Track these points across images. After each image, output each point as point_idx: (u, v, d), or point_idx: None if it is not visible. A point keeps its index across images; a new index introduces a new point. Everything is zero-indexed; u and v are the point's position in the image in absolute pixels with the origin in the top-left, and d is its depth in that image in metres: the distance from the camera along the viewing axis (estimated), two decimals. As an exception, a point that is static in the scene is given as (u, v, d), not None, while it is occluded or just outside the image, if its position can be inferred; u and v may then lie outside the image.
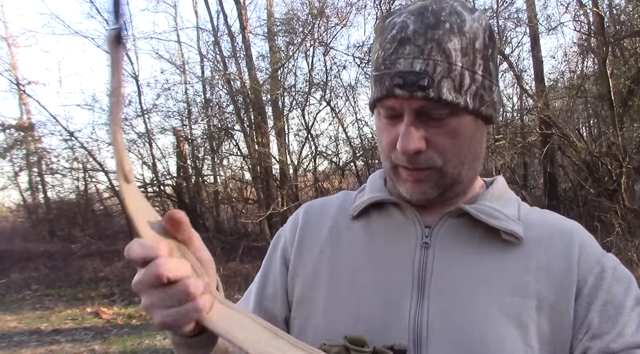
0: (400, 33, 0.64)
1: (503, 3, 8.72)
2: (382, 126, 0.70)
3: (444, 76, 0.62)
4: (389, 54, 0.64)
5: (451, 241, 0.70)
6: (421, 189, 0.69)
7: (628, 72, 7.79)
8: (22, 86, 11.99)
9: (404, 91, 0.63)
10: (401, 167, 0.69)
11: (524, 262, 0.67)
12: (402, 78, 0.62)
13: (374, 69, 0.68)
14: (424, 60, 0.62)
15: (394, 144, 0.67)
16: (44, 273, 8.79)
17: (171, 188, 11.81)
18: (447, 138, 0.66)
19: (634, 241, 5.86)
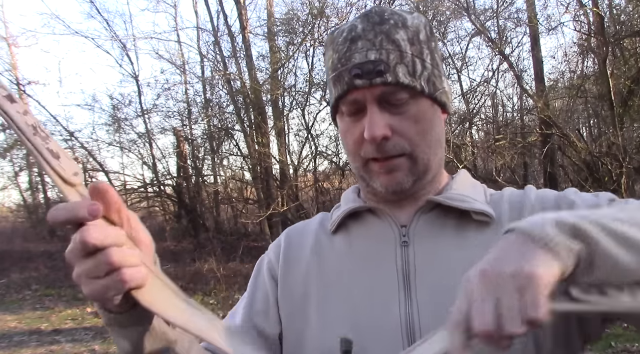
0: (351, 33, 0.68)
1: (503, 3, 8.72)
2: (346, 126, 0.72)
3: (397, 62, 0.67)
4: (343, 53, 0.68)
5: (428, 234, 0.72)
6: (395, 179, 0.70)
7: (628, 72, 7.79)
8: (22, 86, 11.99)
9: (363, 80, 0.66)
10: (372, 161, 0.71)
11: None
12: (360, 68, 0.66)
13: (331, 71, 0.71)
14: (377, 50, 0.67)
15: (361, 138, 0.69)
16: (44, 273, 8.79)
17: (171, 188, 11.81)
18: (410, 123, 0.69)
19: (634, 241, 5.86)
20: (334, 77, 0.70)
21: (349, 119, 0.71)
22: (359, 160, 0.72)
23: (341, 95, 0.69)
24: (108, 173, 11.49)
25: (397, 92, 0.67)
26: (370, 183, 0.73)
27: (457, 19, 9.24)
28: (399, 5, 9.26)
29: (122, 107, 11.44)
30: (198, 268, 7.91)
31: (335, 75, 0.69)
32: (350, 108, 0.70)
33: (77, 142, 11.41)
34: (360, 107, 0.69)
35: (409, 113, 0.69)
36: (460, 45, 9.73)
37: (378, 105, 0.68)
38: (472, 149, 8.30)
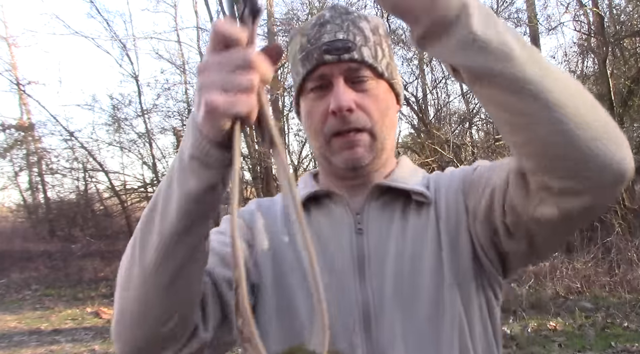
0: (320, 19, 0.76)
1: (503, 3, 8.73)
2: (310, 104, 0.76)
3: (362, 44, 0.74)
4: (312, 35, 0.75)
5: (379, 222, 0.77)
6: (357, 153, 0.75)
7: (628, 72, 7.79)
8: (22, 86, 12.00)
9: (332, 56, 0.73)
10: (334, 138, 0.75)
11: (435, 220, 0.76)
12: (329, 46, 0.73)
13: (299, 53, 0.77)
14: (345, 31, 0.74)
15: (326, 114, 0.74)
16: (44, 273, 8.79)
17: (171, 188, 11.80)
18: (372, 101, 0.75)
19: (634, 241, 5.86)
20: (303, 57, 0.76)
21: (313, 95, 0.76)
22: (322, 137, 0.76)
23: (310, 70, 0.75)
24: (108, 173, 11.50)
25: (362, 69, 0.74)
26: (331, 160, 0.77)
27: (457, 19, 9.24)
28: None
29: (122, 107, 11.46)
30: (198, 267, 7.92)
31: (304, 55, 0.75)
32: (317, 83, 0.75)
33: (77, 142, 11.43)
34: (326, 83, 0.74)
35: (371, 92, 0.75)
36: (460, 45, 9.72)
37: (344, 81, 0.73)
38: (472, 149, 8.31)
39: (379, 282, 0.73)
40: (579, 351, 3.89)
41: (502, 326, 4.52)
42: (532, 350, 3.96)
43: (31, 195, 13.97)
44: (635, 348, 3.82)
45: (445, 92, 10.37)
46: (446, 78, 10.03)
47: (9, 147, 11.83)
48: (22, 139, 12.01)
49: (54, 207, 13.04)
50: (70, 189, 12.87)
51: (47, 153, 11.94)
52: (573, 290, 5.32)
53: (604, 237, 6.11)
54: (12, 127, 11.93)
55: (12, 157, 12.36)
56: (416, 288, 0.73)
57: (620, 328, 4.29)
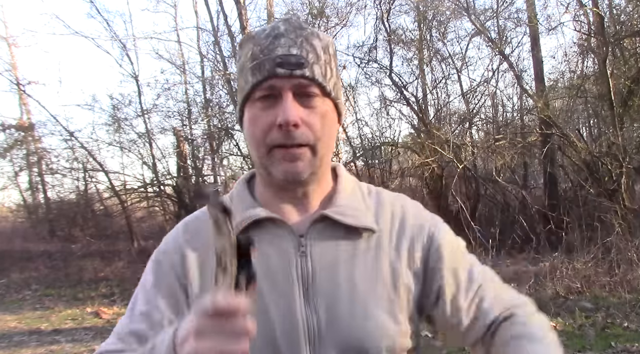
0: (274, 31, 0.76)
1: (503, 3, 8.72)
2: (256, 113, 0.76)
3: (314, 62, 0.75)
4: (266, 46, 0.75)
5: (322, 245, 0.79)
6: (297, 167, 0.76)
7: (628, 72, 7.79)
8: (22, 86, 11.99)
9: (285, 70, 0.73)
10: (277, 149, 0.75)
11: (382, 251, 0.80)
12: (283, 59, 0.73)
13: (250, 61, 0.76)
14: (298, 47, 0.74)
15: (271, 125, 0.74)
16: (44, 273, 8.79)
17: (171, 188, 11.80)
18: (317, 118, 0.76)
19: (634, 241, 5.86)
20: (254, 66, 0.75)
21: (260, 105, 0.76)
22: (264, 147, 0.76)
23: (260, 80, 0.75)
24: (108, 173, 11.49)
25: (311, 86, 0.75)
26: (271, 170, 0.77)
27: (457, 19, 9.23)
28: (399, 5, 9.29)
29: (122, 107, 11.44)
30: (198, 268, 7.91)
31: (256, 64, 0.75)
32: (265, 94, 0.75)
33: (77, 142, 11.41)
34: (275, 94, 0.75)
35: (317, 109, 0.76)
36: (460, 45, 9.73)
37: (292, 95, 0.74)
38: (472, 149, 8.31)
39: (324, 302, 0.76)
40: (579, 351, 3.89)
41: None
42: (532, 350, 3.96)
43: (31, 195, 13.96)
44: (635, 348, 3.82)
45: (445, 92, 10.37)
46: (446, 78, 10.04)
47: (9, 147, 11.82)
48: (22, 139, 12.00)
49: (54, 207, 13.04)
50: (70, 189, 12.87)
51: (47, 153, 11.94)
52: (573, 290, 5.32)
53: (604, 237, 6.10)
54: (12, 127, 11.92)
55: (12, 157, 12.35)
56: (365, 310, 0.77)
57: (620, 328, 4.29)
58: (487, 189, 8.76)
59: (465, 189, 9.05)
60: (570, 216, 7.19)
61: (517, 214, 7.92)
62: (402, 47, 9.53)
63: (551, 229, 6.91)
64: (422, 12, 9.26)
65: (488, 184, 8.60)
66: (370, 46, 9.11)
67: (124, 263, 9.12)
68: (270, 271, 0.77)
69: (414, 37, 9.66)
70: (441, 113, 10.02)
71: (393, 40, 8.93)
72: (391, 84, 9.22)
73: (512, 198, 8.67)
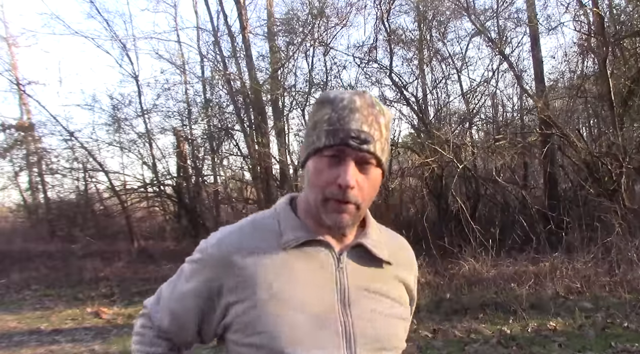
0: (351, 104, 0.93)
1: (503, 3, 8.72)
2: (323, 167, 0.93)
3: (377, 139, 0.93)
4: (343, 116, 0.92)
5: (355, 265, 0.99)
6: (344, 219, 0.94)
7: (628, 72, 7.79)
8: (22, 86, 12.00)
9: (355, 143, 0.91)
10: (332, 201, 0.93)
11: (394, 279, 1.04)
12: (355, 135, 0.91)
13: (327, 123, 0.93)
14: (369, 126, 0.92)
15: (333, 181, 0.92)
16: (44, 273, 8.78)
17: (171, 188, 11.80)
18: (368, 185, 0.95)
19: (634, 241, 5.86)
20: (329, 131, 0.92)
21: (327, 162, 0.93)
22: (321, 196, 0.93)
23: (333, 144, 0.91)
24: (108, 173, 11.49)
25: (371, 158, 0.93)
26: (322, 216, 0.95)
27: (457, 19, 9.24)
28: (399, 5, 9.29)
29: (122, 107, 11.45)
30: (198, 268, 7.90)
31: (332, 129, 0.92)
32: (333, 154, 0.92)
33: (77, 142, 11.41)
34: (341, 157, 0.92)
35: (369, 176, 0.94)
36: (460, 45, 9.73)
37: (355, 163, 0.92)
38: (472, 149, 8.30)
39: (358, 311, 0.96)
40: (579, 351, 3.89)
41: (502, 326, 4.53)
42: (532, 350, 3.96)
43: (31, 195, 13.96)
44: (635, 348, 3.82)
45: (445, 92, 10.37)
46: (446, 78, 10.04)
47: (9, 147, 11.83)
48: (22, 139, 12.01)
49: (54, 207, 13.04)
50: (70, 189, 12.88)
51: (47, 153, 11.95)
52: (573, 290, 5.32)
53: (604, 237, 6.10)
54: (12, 127, 11.93)
55: (12, 157, 12.35)
56: (388, 324, 0.99)
57: (620, 328, 4.29)
58: (487, 189, 8.76)
59: (465, 189, 9.06)
60: (570, 216, 7.19)
61: (517, 214, 7.92)
62: (402, 47, 9.53)
63: (551, 229, 6.91)
64: (422, 12, 9.27)
65: (488, 184, 8.60)
66: (370, 46, 9.12)
67: (124, 263, 9.12)
68: (316, 279, 0.96)
69: (414, 37, 9.67)
70: (441, 113, 10.02)
71: (393, 40, 8.93)
72: (391, 84, 9.23)
73: (512, 198, 8.67)
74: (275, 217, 1.01)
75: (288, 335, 0.90)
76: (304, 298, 0.93)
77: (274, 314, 0.92)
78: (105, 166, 11.61)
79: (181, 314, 1.00)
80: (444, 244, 6.84)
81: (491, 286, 5.61)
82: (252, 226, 1.02)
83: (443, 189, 8.50)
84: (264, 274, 0.94)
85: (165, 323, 1.02)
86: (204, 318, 0.98)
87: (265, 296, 0.93)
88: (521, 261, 6.25)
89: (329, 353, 0.91)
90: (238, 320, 0.93)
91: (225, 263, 0.96)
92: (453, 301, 5.37)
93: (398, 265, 1.05)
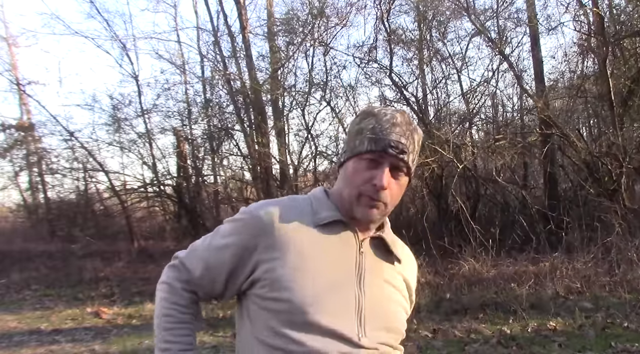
0: (393, 119, 1.09)
1: (503, 3, 8.72)
2: (362, 168, 1.08)
3: (410, 152, 1.09)
4: (385, 128, 1.07)
5: (372, 253, 1.14)
6: (373, 214, 1.08)
7: (628, 72, 7.79)
8: (22, 86, 12.00)
9: (393, 151, 1.06)
10: (365, 197, 1.07)
11: (400, 278, 1.17)
12: (395, 145, 1.06)
13: (371, 132, 1.08)
14: (406, 139, 1.08)
15: (368, 181, 1.06)
16: (44, 273, 8.78)
17: (171, 188, 11.80)
18: (398, 188, 1.10)
19: (634, 241, 5.86)
20: (372, 138, 1.07)
21: (366, 164, 1.07)
22: (356, 191, 1.08)
23: (374, 150, 1.06)
24: (108, 173, 11.49)
25: (404, 167, 1.08)
26: (354, 208, 1.08)
27: (457, 19, 9.23)
28: (399, 5, 9.29)
29: (122, 107, 11.44)
30: (198, 268, 7.90)
31: (374, 138, 1.07)
32: (373, 158, 1.07)
33: (77, 142, 11.41)
34: (378, 161, 1.07)
35: (399, 181, 1.10)
36: (460, 45, 9.71)
37: (390, 168, 1.07)
38: (472, 149, 8.30)
39: (370, 291, 1.09)
40: (579, 351, 3.89)
41: (502, 326, 4.53)
42: (532, 350, 3.96)
43: (31, 195, 13.96)
44: (635, 348, 3.82)
45: (445, 92, 10.37)
46: (446, 78, 10.04)
47: (9, 147, 11.83)
48: (22, 139, 12.00)
49: (54, 207, 13.04)
50: (70, 189, 12.88)
51: (47, 153, 11.94)
52: (573, 290, 5.32)
53: (604, 237, 6.11)
54: (12, 127, 11.93)
55: (12, 157, 12.35)
56: (394, 310, 1.13)
57: (620, 328, 4.29)
58: (487, 189, 8.76)
59: (465, 189, 9.05)
60: (570, 216, 7.19)
61: (517, 214, 7.92)
62: (402, 47, 9.53)
63: (551, 229, 6.91)
64: (422, 12, 9.26)
65: (488, 184, 8.60)
66: (370, 46, 9.12)
67: (124, 263, 9.13)
68: (340, 256, 1.09)
69: (414, 37, 9.67)
70: (441, 113, 10.02)
71: (393, 40, 8.92)
72: (391, 84, 9.23)
73: (512, 198, 8.67)
74: (308, 200, 1.15)
75: (309, 294, 1.01)
76: (328, 268, 1.05)
77: (300, 275, 1.03)
78: (105, 166, 11.62)
79: (215, 265, 1.09)
80: (444, 244, 6.84)
81: (491, 286, 5.61)
82: (291, 202, 1.16)
83: (443, 189, 8.50)
84: (297, 241, 1.06)
85: (197, 273, 1.10)
86: (234, 272, 1.07)
87: (295, 259, 1.04)
88: (521, 261, 6.25)
89: (340, 321, 1.03)
90: (266, 276, 1.04)
91: (265, 225, 1.07)
92: (453, 301, 5.37)
93: (405, 266, 1.19)
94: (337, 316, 1.03)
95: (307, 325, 1.00)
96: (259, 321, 1.04)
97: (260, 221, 1.08)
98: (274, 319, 1.02)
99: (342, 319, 1.03)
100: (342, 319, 1.03)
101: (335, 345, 1.02)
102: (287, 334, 1.00)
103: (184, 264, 1.13)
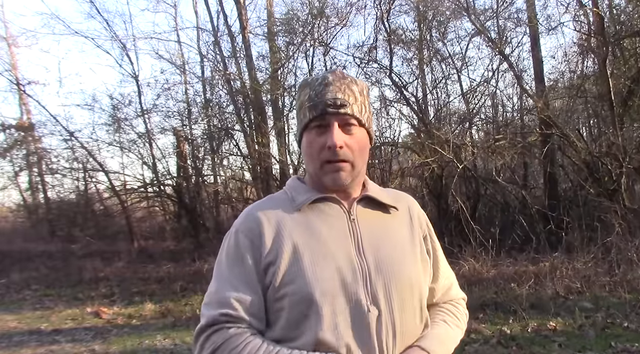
0: (324, 80, 1.10)
1: (503, 3, 8.71)
2: (312, 138, 1.10)
3: (353, 103, 1.10)
4: (319, 91, 1.09)
5: (365, 215, 1.14)
6: (342, 177, 1.09)
7: (628, 72, 7.79)
8: (22, 86, 11.99)
9: (333, 109, 1.07)
10: (326, 164, 1.08)
11: (402, 223, 1.19)
12: (332, 102, 1.07)
13: (308, 101, 1.10)
14: (342, 93, 1.09)
15: (323, 146, 1.07)
16: (44, 273, 8.79)
17: (171, 188, 11.80)
18: (355, 142, 1.10)
19: (634, 241, 5.86)
20: (311, 105, 1.09)
21: (315, 132, 1.09)
22: (318, 162, 1.09)
23: (316, 116, 1.08)
24: (108, 173, 11.49)
25: (351, 119, 1.09)
26: (323, 179, 1.10)
27: (457, 19, 9.23)
28: (399, 5, 9.29)
29: (122, 107, 11.44)
30: (198, 267, 7.91)
31: (312, 105, 1.09)
32: (319, 124, 1.08)
33: (77, 142, 11.41)
34: (325, 125, 1.08)
35: (355, 135, 1.10)
36: (460, 45, 9.72)
37: (338, 125, 1.08)
38: (472, 149, 8.30)
39: (371, 254, 1.08)
40: (579, 351, 3.89)
41: (502, 326, 4.53)
42: (532, 350, 3.96)
43: (31, 195, 13.97)
44: (635, 348, 3.82)
45: (445, 92, 10.37)
46: (446, 78, 10.04)
47: (9, 147, 11.83)
48: (22, 139, 12.00)
49: (54, 207, 13.04)
50: (70, 189, 12.88)
51: (47, 153, 11.95)
52: (573, 290, 5.32)
53: (604, 237, 6.10)
54: (12, 127, 11.93)
55: (12, 157, 12.36)
56: (400, 261, 1.11)
57: (620, 328, 4.29)
58: (487, 189, 8.76)
59: (465, 189, 9.05)
60: (570, 216, 7.19)
61: (517, 214, 7.92)
62: (402, 47, 9.53)
63: (551, 229, 6.91)
64: (422, 12, 9.26)
65: (488, 184, 8.59)
66: (370, 46, 9.11)
67: (124, 263, 9.13)
68: (333, 230, 1.09)
69: (414, 37, 9.67)
70: (441, 113, 10.02)
71: (393, 40, 8.92)
72: (391, 84, 9.22)
73: (512, 198, 8.67)
74: (285, 192, 1.18)
75: (314, 282, 1.02)
76: (324, 249, 1.06)
77: (300, 266, 1.03)
78: (105, 166, 11.62)
79: (254, 288, 1.05)
80: (443, 244, 6.79)
81: (491, 286, 5.61)
82: (269, 199, 1.19)
83: (443, 189, 8.50)
84: (286, 233, 1.07)
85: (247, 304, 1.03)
86: (261, 284, 1.05)
87: (291, 252, 1.05)
88: (521, 261, 6.25)
89: (349, 296, 1.03)
90: (273, 278, 1.04)
91: (256, 233, 1.08)
92: (453, 301, 5.37)
93: (402, 208, 1.20)
94: (343, 291, 1.03)
95: (316, 312, 1.00)
96: (272, 321, 1.05)
97: (250, 231, 1.08)
98: (285, 315, 1.03)
99: (348, 293, 1.03)
100: (348, 293, 1.03)
101: (346, 322, 1.01)
102: (300, 326, 1.01)
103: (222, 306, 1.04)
